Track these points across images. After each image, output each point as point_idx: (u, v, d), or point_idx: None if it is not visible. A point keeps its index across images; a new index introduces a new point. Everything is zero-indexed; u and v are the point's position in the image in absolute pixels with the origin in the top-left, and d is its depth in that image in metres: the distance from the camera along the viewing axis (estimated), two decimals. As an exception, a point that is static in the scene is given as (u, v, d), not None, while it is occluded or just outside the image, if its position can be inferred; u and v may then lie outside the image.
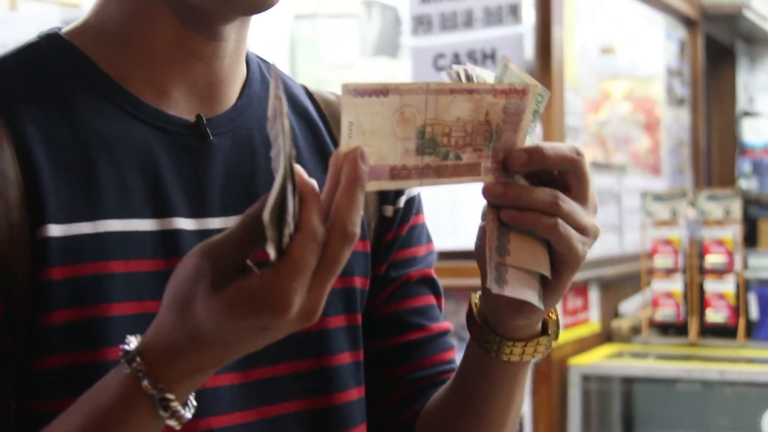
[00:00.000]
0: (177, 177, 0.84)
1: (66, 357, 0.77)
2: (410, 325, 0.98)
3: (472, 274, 3.08)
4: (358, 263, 0.93)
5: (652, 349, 3.09)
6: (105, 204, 0.80)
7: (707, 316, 3.05)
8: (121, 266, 0.79)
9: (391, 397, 0.98)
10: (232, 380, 0.84)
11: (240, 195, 0.87)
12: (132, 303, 0.79)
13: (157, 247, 0.82)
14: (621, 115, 4.02)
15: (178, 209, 0.83)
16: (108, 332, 0.78)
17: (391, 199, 0.98)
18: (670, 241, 3.12)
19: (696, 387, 2.94)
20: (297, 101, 0.96)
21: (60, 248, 0.77)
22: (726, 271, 3.05)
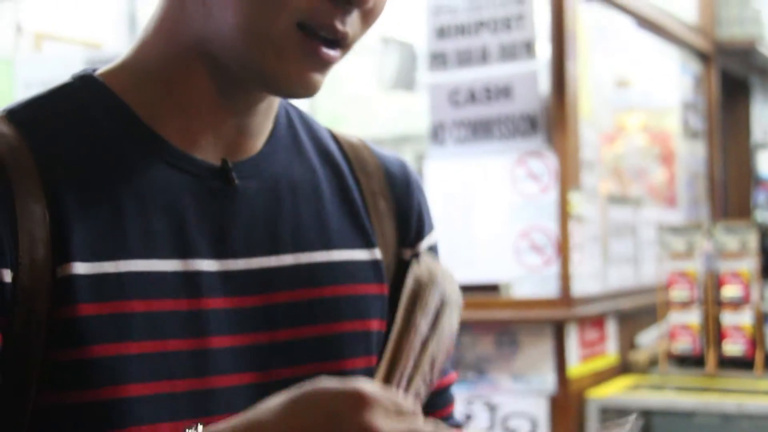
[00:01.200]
0: (201, 219, 0.85)
1: (86, 393, 0.78)
2: None
3: (487, 307, 3.11)
4: (375, 306, 0.94)
5: (670, 381, 3.09)
6: (129, 244, 0.81)
7: (725, 349, 3.06)
8: (143, 306, 0.80)
9: None
10: None
11: (263, 237, 0.88)
12: (153, 342, 0.80)
13: (179, 287, 0.83)
14: (637, 148, 4.04)
15: (200, 250, 0.84)
16: (127, 370, 0.79)
17: (411, 242, 0.99)
18: (686, 273, 3.13)
19: (714, 420, 2.94)
20: (322, 144, 0.97)
21: (86, 285, 0.79)
22: (743, 303, 3.05)
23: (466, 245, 3.01)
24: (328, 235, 0.92)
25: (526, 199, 2.96)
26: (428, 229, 1.02)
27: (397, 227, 0.98)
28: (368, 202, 0.97)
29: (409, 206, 0.99)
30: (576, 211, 2.95)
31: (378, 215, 0.97)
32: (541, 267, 2.91)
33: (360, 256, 0.94)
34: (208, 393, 0.83)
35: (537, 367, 2.86)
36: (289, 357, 0.87)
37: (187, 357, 0.82)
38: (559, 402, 2.84)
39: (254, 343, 0.86)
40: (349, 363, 0.90)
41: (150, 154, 0.85)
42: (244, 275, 0.86)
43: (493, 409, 2.90)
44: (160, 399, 0.80)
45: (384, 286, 0.95)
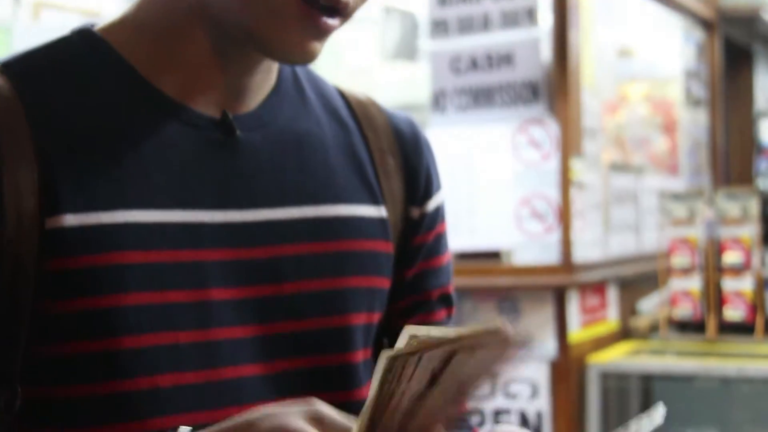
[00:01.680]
0: (202, 170, 0.85)
1: (81, 344, 0.78)
2: (418, 289, 0.98)
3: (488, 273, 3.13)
4: (381, 263, 0.93)
5: (671, 346, 3.11)
6: (126, 195, 0.80)
7: (725, 314, 3.07)
8: (141, 257, 0.80)
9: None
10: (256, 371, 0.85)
11: (269, 189, 0.87)
12: (150, 293, 0.80)
13: (180, 238, 0.82)
14: (639, 117, 4.04)
15: (202, 201, 0.84)
16: (124, 321, 0.79)
17: (419, 200, 0.98)
18: (687, 240, 3.14)
19: (714, 383, 2.96)
20: (329, 100, 0.97)
21: (75, 238, 0.78)
22: (744, 269, 3.06)
23: (467, 212, 3.03)
24: (335, 189, 0.92)
25: (527, 166, 2.97)
26: (436, 188, 1.01)
27: (404, 186, 0.97)
28: (376, 159, 0.96)
29: (417, 164, 0.99)
30: (577, 178, 2.96)
31: (386, 173, 0.96)
32: (543, 234, 2.92)
33: (367, 212, 0.93)
34: (211, 345, 0.82)
35: (538, 333, 2.88)
36: (293, 310, 0.87)
37: (189, 309, 0.82)
38: (559, 367, 2.86)
39: (258, 296, 0.85)
40: (353, 318, 0.90)
41: (148, 107, 0.85)
42: (248, 227, 0.86)
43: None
44: (160, 351, 0.80)
45: (390, 244, 0.94)
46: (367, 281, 0.91)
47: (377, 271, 0.93)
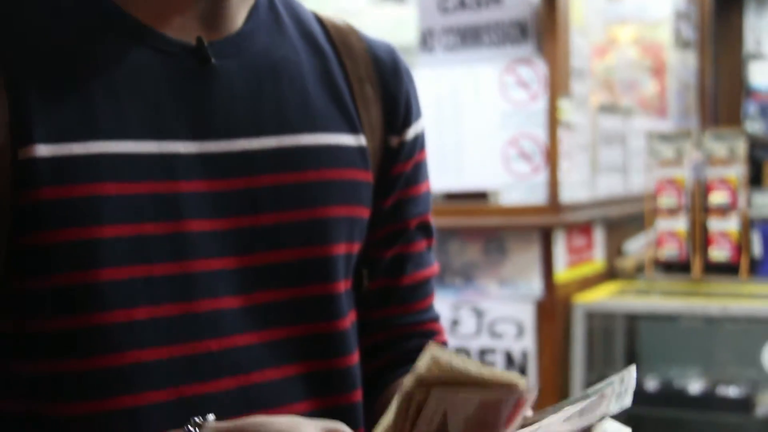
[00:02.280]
0: (176, 99, 0.83)
1: (58, 277, 0.77)
2: (397, 271, 0.99)
3: (475, 214, 3.12)
4: (361, 193, 0.93)
5: (656, 286, 3.13)
6: (99, 126, 0.79)
7: (710, 254, 3.09)
8: (115, 188, 0.79)
9: (368, 340, 0.98)
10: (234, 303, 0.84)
11: (244, 119, 0.86)
12: (127, 225, 0.79)
13: (154, 169, 0.81)
14: (628, 60, 4.01)
15: (177, 132, 0.82)
16: (100, 253, 0.78)
17: (398, 129, 0.97)
18: (674, 180, 3.14)
19: (698, 323, 2.99)
20: (306, 26, 0.95)
21: (49, 168, 0.77)
22: (730, 210, 3.07)
23: (454, 153, 3.02)
24: (312, 118, 0.90)
25: (515, 106, 2.96)
26: (415, 117, 1.00)
27: (383, 114, 0.96)
28: (354, 87, 0.95)
29: (396, 92, 0.98)
30: (565, 119, 2.94)
31: (364, 101, 0.95)
32: (530, 174, 2.92)
33: (346, 141, 0.92)
34: (188, 277, 0.82)
35: (524, 273, 2.90)
36: (272, 241, 0.86)
37: (165, 241, 0.81)
38: (545, 307, 2.88)
39: (236, 227, 0.84)
40: (333, 248, 0.89)
41: (119, 33, 0.83)
42: (224, 158, 0.85)
43: (480, 315, 2.94)
44: (135, 283, 0.79)
45: (369, 173, 0.94)
46: (346, 210, 0.91)
47: (357, 200, 0.92)
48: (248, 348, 0.84)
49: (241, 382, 0.83)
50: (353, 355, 0.92)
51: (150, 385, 0.79)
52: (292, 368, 0.87)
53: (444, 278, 2.95)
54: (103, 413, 0.78)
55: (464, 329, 2.93)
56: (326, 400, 0.89)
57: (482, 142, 2.98)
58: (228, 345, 0.83)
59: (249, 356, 0.84)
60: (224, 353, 0.83)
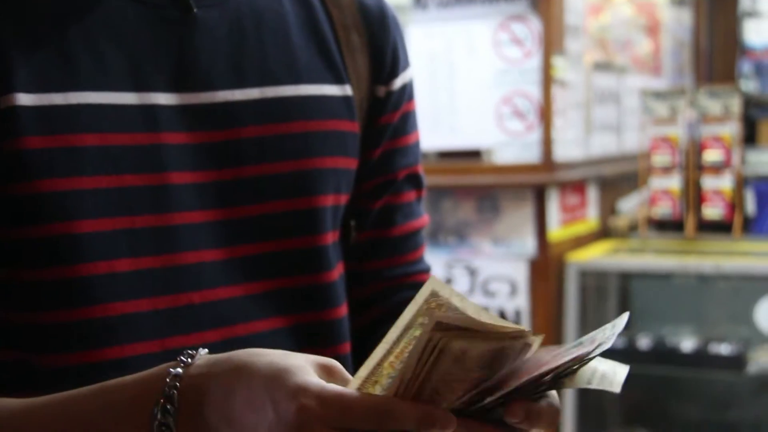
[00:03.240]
0: (158, 50, 0.82)
1: (39, 228, 0.77)
2: (387, 222, 0.98)
3: (469, 172, 3.11)
4: (348, 143, 0.92)
5: (649, 245, 3.13)
6: (79, 76, 0.78)
7: (704, 213, 3.08)
8: (96, 139, 0.78)
9: (358, 292, 0.98)
10: (216, 256, 0.83)
11: (227, 70, 0.85)
12: (108, 177, 0.78)
13: (135, 120, 0.80)
14: (622, 19, 3.98)
15: (158, 83, 0.81)
16: (81, 204, 0.77)
17: (385, 79, 0.96)
18: (669, 138, 3.13)
19: (691, 281, 2.99)
20: None
21: (30, 118, 0.76)
22: (723, 168, 3.06)
23: (448, 111, 2.99)
24: (296, 69, 0.89)
25: (509, 63, 2.93)
26: (403, 66, 0.99)
27: (370, 63, 0.95)
28: (340, 36, 0.94)
29: (383, 41, 0.96)
30: (559, 76, 2.92)
31: (350, 50, 0.94)
32: (523, 132, 2.90)
33: (330, 92, 0.91)
34: (170, 230, 0.81)
35: (517, 232, 2.89)
36: (256, 194, 0.85)
37: (146, 193, 0.80)
38: (538, 265, 2.88)
39: (219, 179, 0.84)
40: (319, 200, 0.89)
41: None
42: (206, 109, 0.84)
43: (474, 273, 2.94)
44: (117, 235, 0.79)
45: (355, 123, 0.93)
46: (332, 162, 0.90)
47: (343, 152, 0.91)
48: (232, 300, 0.84)
49: (225, 335, 0.83)
50: (341, 308, 0.92)
51: (135, 337, 0.79)
52: (279, 321, 0.86)
53: (437, 237, 2.94)
54: (90, 365, 0.78)
55: (457, 288, 2.92)
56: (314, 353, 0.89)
57: (476, 100, 2.96)
58: (211, 298, 0.82)
59: (232, 309, 0.84)
60: (207, 306, 0.82)
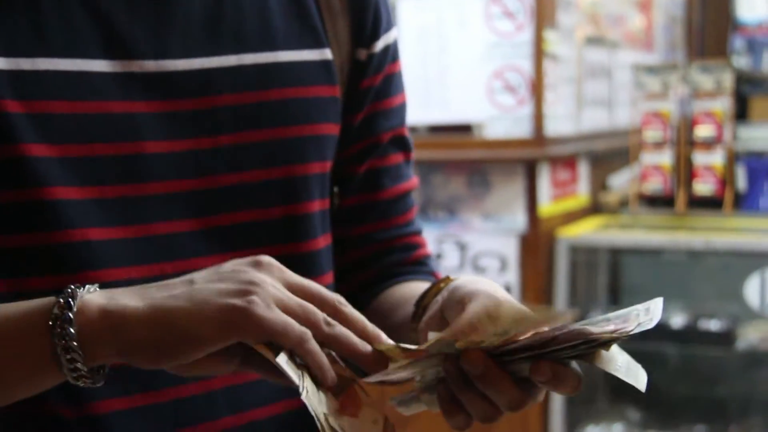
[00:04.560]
0: (131, 16, 0.80)
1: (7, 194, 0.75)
2: (374, 186, 0.97)
3: (459, 147, 3.08)
4: (327, 109, 0.90)
5: (640, 221, 3.12)
6: (49, 42, 0.76)
7: (695, 188, 3.07)
8: (66, 107, 0.76)
9: (349, 256, 0.97)
10: (191, 227, 0.83)
11: (202, 37, 0.83)
12: (78, 146, 0.77)
13: (108, 88, 0.78)
14: (615, -7, 3.95)
15: (132, 50, 0.80)
16: (51, 172, 0.76)
17: (366, 41, 0.94)
18: (660, 114, 3.11)
19: (681, 256, 2.99)
20: None
21: (4, 81, 0.74)
22: (715, 143, 3.05)
23: (439, 85, 2.97)
24: (273, 35, 0.87)
25: (500, 37, 2.90)
26: (385, 28, 0.96)
27: (350, 26, 0.93)
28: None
29: (364, 3, 0.94)
30: (551, 50, 2.90)
31: (330, 12, 0.92)
32: (515, 107, 2.88)
33: (309, 57, 0.89)
34: (144, 200, 0.80)
35: (508, 207, 2.87)
36: (234, 163, 0.84)
37: (118, 162, 0.78)
38: (529, 241, 2.86)
39: (195, 148, 0.82)
40: (299, 168, 0.87)
41: None
42: (181, 77, 0.82)
43: (464, 248, 2.92)
44: (87, 205, 0.77)
45: (336, 87, 0.91)
46: (312, 129, 0.88)
47: (323, 118, 0.89)
48: None
49: None
50: (326, 276, 0.91)
51: None
52: None
53: (427, 212, 2.92)
54: None
55: (448, 263, 2.91)
56: None
57: (467, 74, 2.93)
58: (186, 268, 0.81)
59: None
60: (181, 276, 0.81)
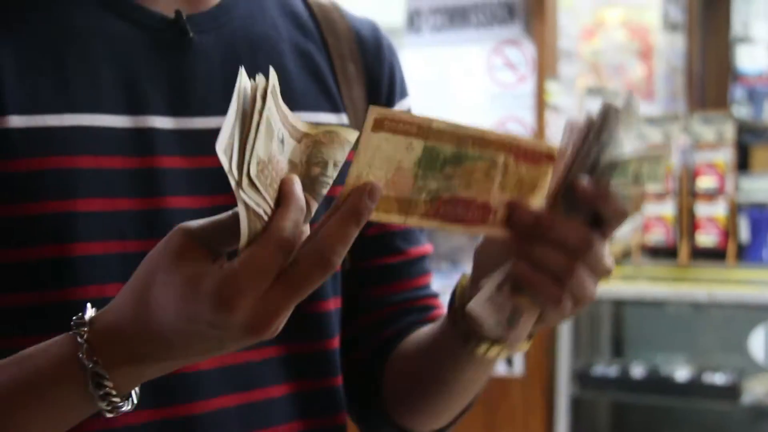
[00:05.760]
0: (154, 73, 0.81)
1: (29, 251, 0.75)
2: (387, 249, 0.96)
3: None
4: (343, 171, 0.90)
5: (643, 272, 3.11)
6: (74, 98, 0.78)
7: (698, 240, 3.06)
8: (90, 162, 0.77)
9: (362, 321, 0.97)
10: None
11: (222, 95, 0.84)
12: (101, 200, 0.77)
13: (130, 144, 0.79)
14: (616, 44, 3.98)
15: (154, 107, 0.81)
16: (75, 228, 0.76)
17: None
18: (662, 165, 3.11)
19: (685, 309, 2.97)
20: (288, 3, 0.93)
21: (23, 139, 0.75)
22: (717, 195, 3.05)
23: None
24: (291, 96, 0.86)
25: (502, 88, 2.92)
26: (400, 95, 0.97)
27: (366, 92, 0.94)
28: (336, 65, 0.93)
29: (379, 71, 0.95)
30: (553, 101, 2.91)
31: (346, 79, 0.93)
32: (517, 158, 2.88)
33: (326, 119, 0.90)
34: None
35: (511, 258, 2.86)
36: None
37: (140, 217, 0.79)
38: (532, 292, 2.84)
39: (214, 205, 0.81)
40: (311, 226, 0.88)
41: (96, 5, 0.81)
42: (201, 134, 0.82)
43: (467, 299, 2.91)
44: (109, 259, 0.77)
45: (352, 152, 0.91)
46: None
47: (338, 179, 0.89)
48: None
49: (216, 364, 0.82)
50: (334, 340, 0.91)
51: None
52: (271, 351, 0.86)
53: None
54: None
55: (449, 314, 2.90)
56: (305, 385, 0.88)
57: (470, 123, 2.94)
58: None
59: None
60: None
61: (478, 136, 0.68)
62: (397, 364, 0.94)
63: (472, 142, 0.68)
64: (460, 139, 0.67)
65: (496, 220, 0.71)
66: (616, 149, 0.70)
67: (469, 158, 0.68)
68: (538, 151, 0.70)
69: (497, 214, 0.71)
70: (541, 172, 0.71)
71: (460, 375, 0.87)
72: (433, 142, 0.66)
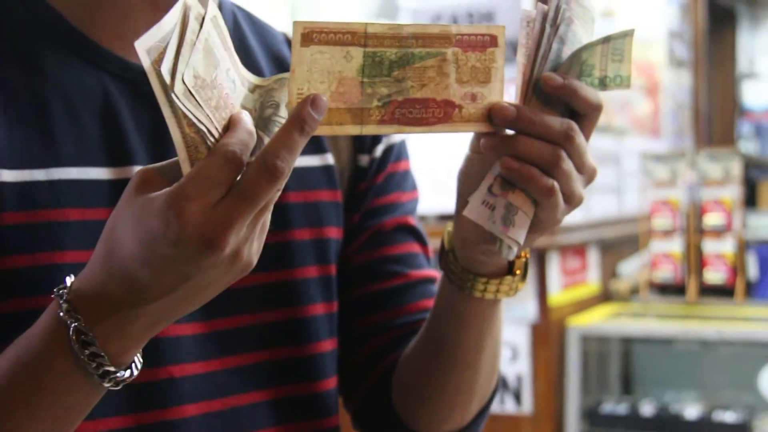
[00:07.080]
0: (137, 125, 0.83)
1: (17, 302, 0.76)
2: (386, 273, 0.96)
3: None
4: (330, 213, 0.92)
5: (651, 309, 3.10)
6: (60, 152, 0.79)
7: (706, 277, 3.06)
8: (77, 214, 0.78)
9: (368, 347, 0.97)
10: (194, 330, 0.83)
11: None
12: (88, 252, 0.76)
13: (115, 196, 0.78)
14: (622, 79, 3.99)
15: (138, 158, 0.82)
16: (62, 279, 0.75)
17: (368, 148, 0.96)
18: (669, 202, 3.12)
19: (693, 346, 2.96)
20: (273, 48, 0.95)
21: (13, 193, 0.76)
22: (725, 231, 3.05)
23: (446, 174, 2.98)
24: None
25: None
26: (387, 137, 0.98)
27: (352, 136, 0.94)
28: None
29: None
30: (559, 139, 2.92)
31: None
32: (524, 195, 2.89)
33: (310, 162, 0.91)
34: None
35: (518, 296, 2.83)
36: None
37: None
38: (540, 330, 2.84)
39: None
40: (299, 272, 0.88)
41: (78, 58, 0.82)
42: None
43: (475, 338, 2.90)
44: None
45: (338, 192, 0.93)
46: (315, 233, 0.90)
47: (324, 222, 0.91)
48: (211, 375, 0.83)
49: (203, 409, 0.83)
50: (329, 381, 0.91)
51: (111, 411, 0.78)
52: (260, 395, 0.86)
53: (437, 301, 2.91)
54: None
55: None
56: (299, 428, 0.89)
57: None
58: (189, 372, 0.82)
59: (212, 383, 0.83)
60: (186, 380, 0.82)
61: (419, 33, 0.68)
62: (403, 361, 0.94)
63: (415, 39, 0.67)
64: (401, 39, 0.67)
65: (462, 116, 0.71)
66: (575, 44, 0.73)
67: (416, 57, 0.68)
68: (481, 36, 0.71)
69: (462, 109, 0.71)
70: (489, 57, 0.71)
71: (465, 334, 0.87)
72: (374, 47, 0.66)
